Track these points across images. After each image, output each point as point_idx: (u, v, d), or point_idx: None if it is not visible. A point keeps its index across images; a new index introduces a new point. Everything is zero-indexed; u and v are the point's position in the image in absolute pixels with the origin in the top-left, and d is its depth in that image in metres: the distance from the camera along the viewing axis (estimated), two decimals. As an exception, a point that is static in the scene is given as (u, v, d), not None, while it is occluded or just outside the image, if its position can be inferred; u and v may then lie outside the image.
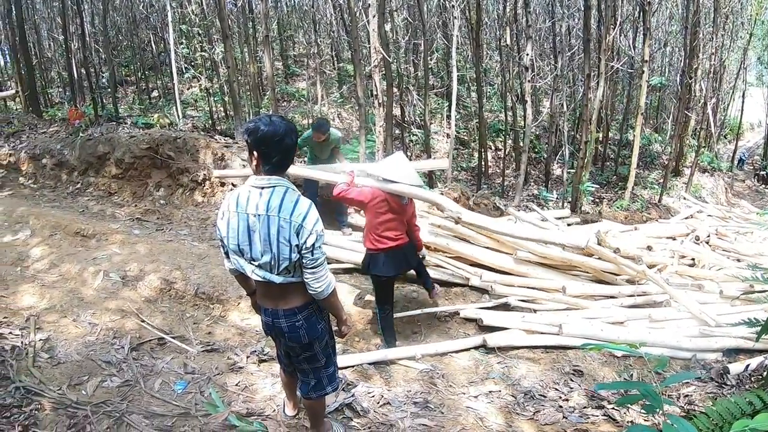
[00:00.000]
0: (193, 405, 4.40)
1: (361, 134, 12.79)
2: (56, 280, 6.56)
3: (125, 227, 8.39)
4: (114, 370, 4.80)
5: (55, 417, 3.98)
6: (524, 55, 15.64)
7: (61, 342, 5.15)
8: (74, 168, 11.22)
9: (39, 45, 23.06)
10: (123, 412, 4.14)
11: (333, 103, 21.70)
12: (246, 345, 5.64)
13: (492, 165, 20.60)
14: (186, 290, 6.44)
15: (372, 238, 5.53)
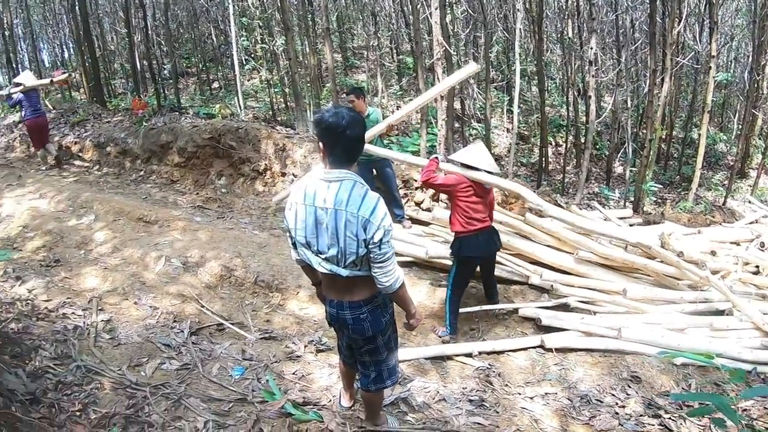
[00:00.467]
0: (249, 391, 4.43)
1: (422, 127, 12.73)
2: (119, 264, 6.73)
3: (187, 214, 8.53)
4: (173, 353, 4.88)
5: (114, 396, 4.05)
6: (588, 48, 15.27)
7: (122, 324, 5.26)
8: (137, 156, 11.51)
9: (102, 38, 23.77)
10: (181, 395, 4.19)
11: (392, 96, 21.67)
12: (304, 334, 5.66)
13: (552, 161, 20.19)
14: (246, 278, 6.51)
15: (462, 221, 5.70)
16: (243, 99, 16.56)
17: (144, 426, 3.78)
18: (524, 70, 22.36)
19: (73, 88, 21.58)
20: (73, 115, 14.40)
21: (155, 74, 18.40)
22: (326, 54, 15.60)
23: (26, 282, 6.11)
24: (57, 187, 9.79)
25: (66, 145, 12.95)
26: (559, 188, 17.10)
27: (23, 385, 3.78)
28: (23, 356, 4.24)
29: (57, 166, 11.56)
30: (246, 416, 4.06)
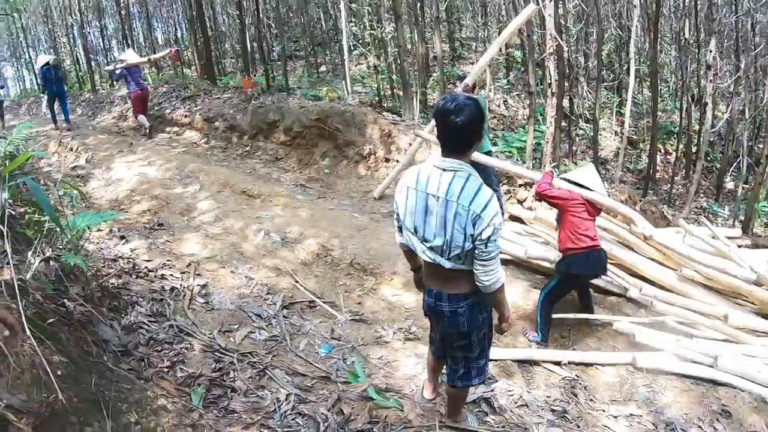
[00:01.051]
0: (334, 370, 4.46)
1: (529, 124, 12.47)
2: (219, 233, 6.93)
3: (289, 191, 8.68)
4: (263, 323, 4.96)
5: (202, 358, 4.14)
6: (706, 51, 14.44)
7: (217, 290, 5.40)
8: (245, 132, 11.84)
9: (214, 19, 24.60)
10: (267, 365, 4.25)
11: (499, 89, 21.36)
12: (394, 321, 5.63)
13: (660, 169, 19.29)
14: (342, 258, 6.54)
15: (572, 237, 5.58)
16: (350, 84, 16.73)
17: (227, 390, 3.85)
18: (636, 70, 21.55)
19: (185, 65, 22.44)
20: (185, 90, 15.02)
21: (265, 55, 18.92)
22: (435, 43, 15.56)
23: (130, 242, 6.37)
24: (165, 157, 10.21)
25: (176, 117, 13.51)
26: (665, 199, 16.34)
27: (117, 338, 3.92)
28: (120, 310, 4.40)
29: (149, 136, 12.88)
30: (328, 394, 4.09)
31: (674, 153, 19.23)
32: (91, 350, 3.44)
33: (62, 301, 3.59)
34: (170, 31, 28.98)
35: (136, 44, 26.20)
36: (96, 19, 26.30)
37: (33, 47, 32.88)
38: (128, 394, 3.27)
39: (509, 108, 21.10)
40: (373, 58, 19.46)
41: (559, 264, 5.85)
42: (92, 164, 10.47)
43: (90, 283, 4.25)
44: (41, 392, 2.54)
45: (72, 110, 17.59)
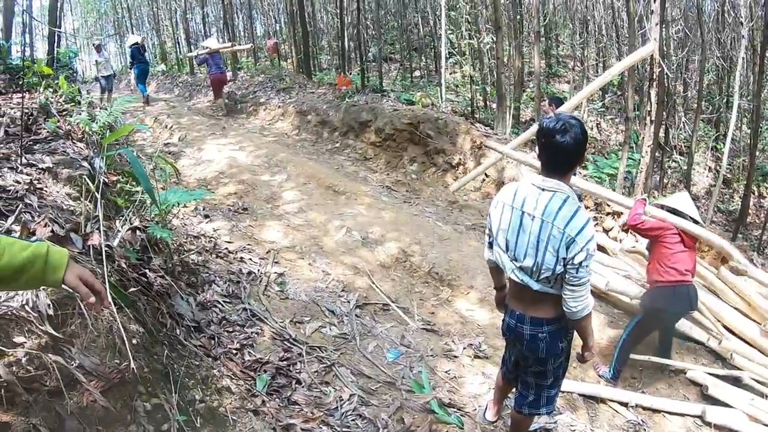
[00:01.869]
0: (399, 377, 4.41)
1: (623, 150, 12.12)
2: (301, 224, 6.98)
3: (375, 192, 8.69)
4: (335, 320, 4.97)
5: (271, 345, 4.17)
6: None
7: (293, 280, 5.44)
8: (336, 128, 11.94)
9: (313, 16, 25.01)
10: (334, 362, 4.25)
11: (593, 112, 20.89)
12: (465, 336, 5.52)
13: (751, 213, 18.39)
14: (420, 266, 6.48)
15: (662, 269, 5.33)
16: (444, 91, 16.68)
17: (292, 381, 3.86)
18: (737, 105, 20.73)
19: (281, 58, 22.88)
20: (280, 82, 15.36)
21: (361, 55, 19.04)
22: (534, 58, 15.35)
23: (213, 221, 6.51)
24: (256, 143, 10.39)
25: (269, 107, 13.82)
26: (755, 245, 15.60)
27: (191, 313, 3.97)
28: (197, 287, 4.47)
29: (227, 114, 14.41)
30: (390, 401, 4.05)
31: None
32: (165, 322, 3.49)
33: (144, 271, 3.65)
34: (270, 23, 29.64)
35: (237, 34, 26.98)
36: (199, 6, 27.18)
37: (137, 27, 34.30)
38: (195, 370, 3.29)
39: (602, 132, 20.63)
40: (468, 67, 19.34)
41: (643, 297, 5.64)
42: (184, 143, 10.77)
43: (172, 257, 4.32)
44: (114, 358, 2.57)
45: (169, 90, 18.21)
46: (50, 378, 2.27)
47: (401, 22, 23.90)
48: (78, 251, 3.02)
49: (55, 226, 3.19)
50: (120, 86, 24.35)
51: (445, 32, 15.82)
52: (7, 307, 2.43)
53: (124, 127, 5.25)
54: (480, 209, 8.79)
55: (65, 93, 6.77)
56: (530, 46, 18.10)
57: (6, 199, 3.53)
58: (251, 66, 21.58)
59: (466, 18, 19.32)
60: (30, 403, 2.15)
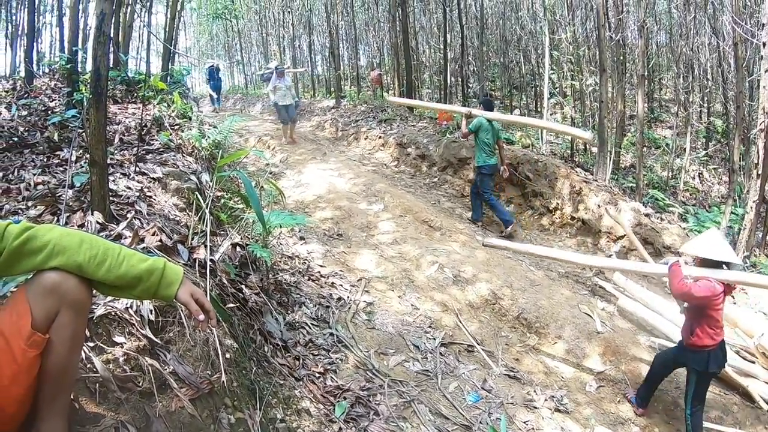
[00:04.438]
0: (477, 422, 4.37)
1: (726, 204, 11.65)
2: (394, 256, 7.03)
3: (470, 230, 8.67)
4: (419, 355, 4.97)
5: (354, 373, 4.21)
6: None
7: (382, 311, 5.48)
8: (435, 163, 12.00)
9: (416, 49, 25.34)
10: (414, 398, 4.26)
11: (695, 160, 20.16)
12: (547, 387, 5.42)
13: None
14: (509, 310, 6.41)
15: (711, 332, 5.00)
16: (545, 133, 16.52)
17: (370, 412, 3.88)
18: None
19: (384, 89, 23.27)
20: (382, 113, 15.59)
21: (463, 90, 19.11)
22: (638, 102, 14.96)
23: (308, 244, 6.65)
24: (356, 172, 10.57)
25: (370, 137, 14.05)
26: None
27: (280, 332, 4.07)
28: (287, 306, 4.58)
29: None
30: (466, 445, 4.01)
31: None
32: (255, 339, 3.59)
33: (240, 287, 3.77)
34: (373, 54, 30.26)
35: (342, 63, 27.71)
36: (306, 34, 28.10)
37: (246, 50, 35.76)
38: (279, 389, 3.37)
39: (704, 182, 19.88)
40: (569, 109, 19.09)
41: (694, 359, 5.20)
42: (285, 165, 11.08)
43: (267, 276, 4.45)
44: (206, 368, 2.68)
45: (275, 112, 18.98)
46: (144, 380, 2.39)
47: (503, 59, 23.93)
48: (183, 263, 3.17)
49: (163, 236, 3.36)
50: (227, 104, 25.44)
51: (548, 72, 15.74)
52: (111, 307, 2.57)
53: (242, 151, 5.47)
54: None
55: (178, 108, 7.12)
56: (633, 89, 17.66)
57: (118, 203, 3.75)
58: (354, 95, 22.04)
59: (569, 58, 19.15)
60: (121, 401, 2.27)
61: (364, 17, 28.99)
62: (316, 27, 29.64)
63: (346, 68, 28.48)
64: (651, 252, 8.36)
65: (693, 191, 18.92)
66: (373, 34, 29.25)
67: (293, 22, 27.51)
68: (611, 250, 8.81)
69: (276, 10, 29.67)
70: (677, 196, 16.66)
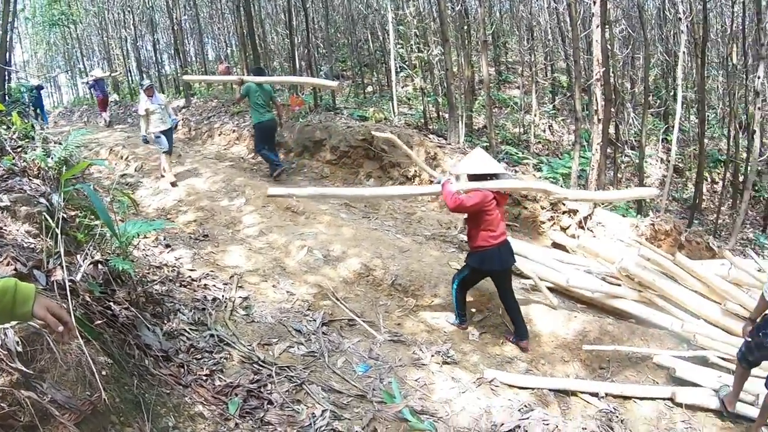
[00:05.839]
0: (370, 390, 4.48)
1: (575, 150, 12.39)
2: (263, 247, 7.02)
3: (333, 210, 8.75)
4: (302, 339, 5.01)
5: (241, 369, 4.20)
6: (755, 77, 14.19)
7: (259, 303, 5.48)
8: (291, 149, 12.01)
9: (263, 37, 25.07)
10: (304, 380, 4.30)
11: (544, 114, 21.27)
12: (432, 343, 5.62)
13: (706, 199, 18.85)
14: (383, 279, 6.56)
15: (485, 235, 5.48)
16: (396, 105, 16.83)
17: (264, 402, 3.89)
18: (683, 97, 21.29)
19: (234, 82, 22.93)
20: (234, 106, 15.32)
21: (313, 75, 19.10)
22: (482, 67, 15.58)
23: (175, 250, 6.51)
24: (213, 169, 10.40)
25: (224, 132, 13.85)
26: (711, 229, 16.02)
27: (159, 343, 3.99)
28: (162, 316, 4.49)
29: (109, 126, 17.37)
30: (363, 413, 4.12)
31: (721, 182, 18.91)
32: (133, 353, 3.52)
33: (108, 304, 3.67)
34: (221, 47, 29.62)
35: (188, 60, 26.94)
36: (149, 33, 27.06)
37: (87, 57, 34.01)
38: (167, 398, 3.32)
39: (554, 133, 20.98)
40: (419, 80, 19.52)
41: (470, 257, 5.72)
42: (141, 173, 10.73)
43: (136, 289, 4.34)
44: (85, 390, 2.61)
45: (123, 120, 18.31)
46: (24, 413, 2.30)
47: (351, 39, 24.06)
48: (42, 287, 3.05)
49: (18, 264, 3.21)
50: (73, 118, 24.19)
51: (394, 47, 16.01)
52: (-25, 347, 2.46)
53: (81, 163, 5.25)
54: (438, 219, 8.91)
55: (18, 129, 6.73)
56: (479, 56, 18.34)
57: (-35, 240, 3.54)
58: (204, 91, 21.52)
59: (414, 32, 19.54)
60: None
61: (208, 10, 28.27)
62: (159, 24, 28.54)
63: (194, 64, 27.68)
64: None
65: (545, 143, 19.94)
66: (219, 26, 28.61)
67: (135, 23, 26.32)
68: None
69: (116, 11, 28.04)
70: (530, 149, 17.48)
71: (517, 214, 9.45)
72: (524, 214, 9.48)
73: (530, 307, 6.50)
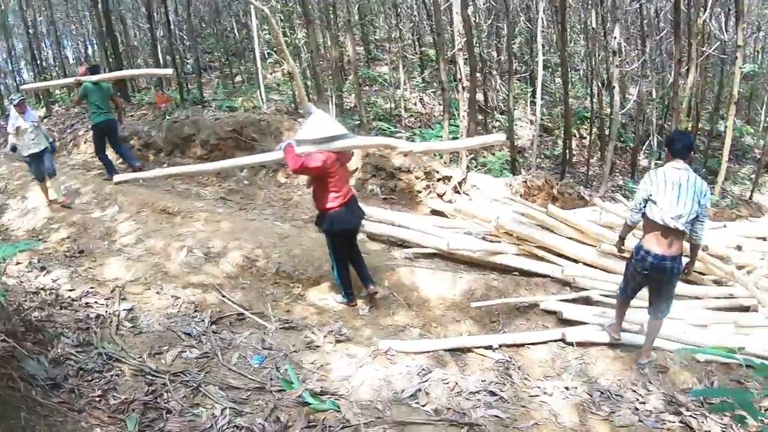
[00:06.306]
0: (268, 380, 4.50)
1: (444, 119, 12.73)
2: (142, 254, 6.82)
3: (209, 206, 8.62)
4: (193, 341, 4.96)
5: (134, 383, 4.12)
6: (611, 38, 15.16)
7: (144, 313, 5.35)
8: (161, 149, 11.65)
9: (125, 34, 24.05)
10: (200, 383, 4.27)
11: (414, 88, 21.64)
12: (323, 324, 5.70)
13: (576, 153, 19.94)
14: (267, 268, 6.56)
15: (331, 196, 5.67)
16: (265, 92, 16.65)
17: (162, 412, 3.85)
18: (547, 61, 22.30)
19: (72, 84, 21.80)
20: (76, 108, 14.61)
21: (178, 69, 18.54)
22: (348, 46, 15.64)
23: (51, 272, 6.23)
24: (81, 180, 9.95)
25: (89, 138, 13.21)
26: (583, 180, 16.97)
27: (44, 371, 3.86)
28: (45, 343, 4.32)
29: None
30: (263, 404, 4.13)
31: (589, 137, 19.97)
32: (18, 386, 3.40)
33: (-17, 341, 3.53)
34: (81, 49, 28.10)
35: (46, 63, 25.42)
36: (2, 40, 25.24)
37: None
38: (61, 427, 3.25)
39: (426, 105, 21.36)
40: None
41: (321, 222, 5.88)
42: (6, 194, 10.10)
43: (11, 318, 4.17)
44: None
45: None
46: None
47: (216, 28, 23.40)
48: None
49: None
50: None
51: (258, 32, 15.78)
52: None
53: None
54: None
55: None
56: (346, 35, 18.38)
57: None
58: (66, 98, 20.36)
59: (279, 16, 19.29)
60: None
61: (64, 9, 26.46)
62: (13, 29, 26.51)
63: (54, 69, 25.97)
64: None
65: (417, 115, 20.27)
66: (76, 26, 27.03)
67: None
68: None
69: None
70: (402, 122, 17.72)
71: (393, 186, 9.63)
72: (400, 186, 9.67)
73: (415, 275, 6.69)
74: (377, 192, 9.60)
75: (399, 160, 9.65)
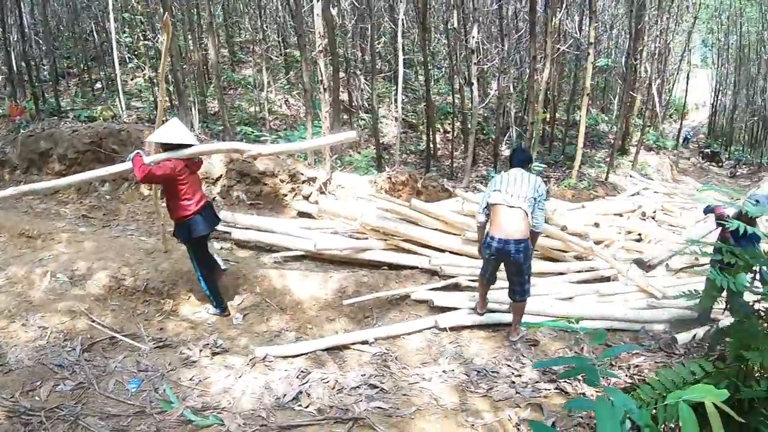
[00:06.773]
0: (148, 403, 4.44)
1: (307, 120, 12.76)
2: (2, 285, 6.33)
3: (71, 225, 8.23)
4: (67, 373, 4.78)
5: (9, 425, 3.95)
6: (470, 38, 15.88)
7: (11, 348, 5.07)
8: (16, 166, 10.84)
9: None
10: (78, 415, 4.15)
11: (280, 90, 21.51)
12: (198, 338, 5.66)
13: (441, 147, 20.65)
14: (135, 286, 6.38)
15: (185, 204, 5.67)
16: (126, 99, 15.95)
17: (40, 453, 3.72)
18: (411, 60, 22.85)
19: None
20: None
21: (33, 76, 17.36)
22: (210, 49, 15.32)
23: None
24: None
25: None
26: (448, 173, 17.58)
27: None
28: None
29: None
30: (146, 429, 4.08)
31: (452, 131, 20.74)
32: None
33: None
34: None
35: None
36: None
37: None
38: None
39: (291, 107, 21.26)
40: (149, 69, 18.54)
41: (179, 232, 5.89)
42: None
43: None
44: None
45: None
46: None
47: (75, 31, 21.97)
48: None
49: None
50: None
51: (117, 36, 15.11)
52: None
53: None
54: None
55: None
56: (208, 38, 17.92)
57: None
58: None
59: (140, 18, 18.52)
60: None
61: None
62: None
63: None
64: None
65: (282, 117, 20.12)
66: None
67: None
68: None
69: None
70: (267, 125, 17.56)
71: (258, 191, 9.59)
72: (266, 191, 9.64)
73: (286, 279, 6.75)
74: (243, 198, 9.53)
75: (263, 165, 9.62)
